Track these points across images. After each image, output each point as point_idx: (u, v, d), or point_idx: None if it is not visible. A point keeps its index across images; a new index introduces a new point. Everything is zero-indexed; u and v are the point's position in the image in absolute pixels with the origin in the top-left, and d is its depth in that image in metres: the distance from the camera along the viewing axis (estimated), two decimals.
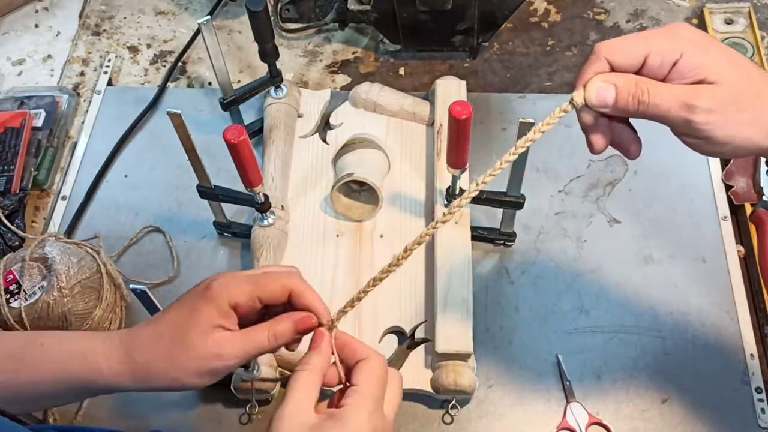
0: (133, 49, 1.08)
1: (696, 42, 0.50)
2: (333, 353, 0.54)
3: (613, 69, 0.51)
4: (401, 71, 1.02)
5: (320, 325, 0.54)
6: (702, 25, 1.01)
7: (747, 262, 0.84)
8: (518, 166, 0.72)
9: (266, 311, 0.56)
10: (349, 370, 0.53)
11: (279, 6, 1.06)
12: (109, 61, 1.06)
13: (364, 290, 0.56)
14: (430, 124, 0.93)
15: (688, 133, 0.50)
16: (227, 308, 0.54)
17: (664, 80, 0.51)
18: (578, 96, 0.52)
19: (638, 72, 0.51)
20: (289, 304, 0.55)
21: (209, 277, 0.55)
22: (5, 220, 0.88)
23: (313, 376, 0.51)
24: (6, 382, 0.57)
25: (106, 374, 0.55)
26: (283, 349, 0.56)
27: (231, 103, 0.90)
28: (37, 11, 1.13)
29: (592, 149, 0.55)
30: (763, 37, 1.00)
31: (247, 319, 0.55)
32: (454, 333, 0.73)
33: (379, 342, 0.78)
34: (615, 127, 0.55)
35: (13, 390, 0.57)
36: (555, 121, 0.52)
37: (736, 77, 0.49)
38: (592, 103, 0.51)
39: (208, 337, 0.53)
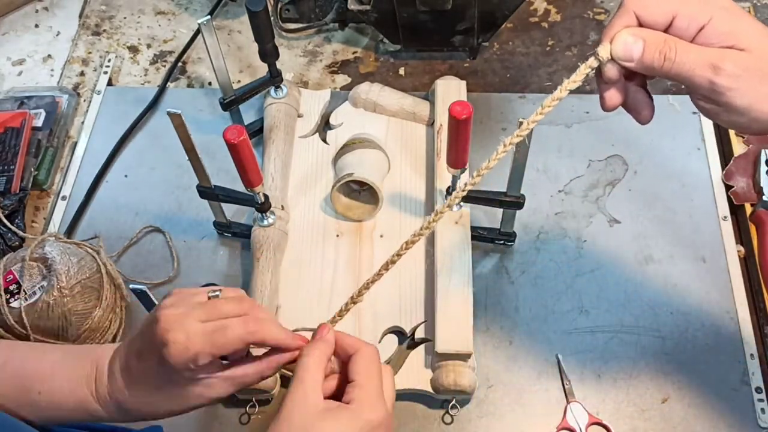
0: (133, 49, 1.08)
1: (727, 9, 0.49)
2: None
3: (640, 25, 0.51)
4: (401, 71, 1.02)
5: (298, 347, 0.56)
6: None
7: (747, 262, 0.84)
8: (518, 166, 0.72)
9: None
10: (340, 362, 0.55)
11: (279, 6, 1.05)
12: (109, 61, 1.06)
13: (371, 281, 0.57)
14: (430, 124, 0.93)
15: (708, 97, 0.50)
16: (190, 367, 0.54)
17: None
18: (604, 50, 0.50)
19: (664, 32, 0.50)
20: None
21: (157, 315, 0.53)
22: (5, 220, 0.88)
23: (318, 361, 0.53)
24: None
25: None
26: None
27: (231, 103, 0.90)
28: (37, 11, 1.13)
29: (605, 105, 0.54)
30: None
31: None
32: (454, 333, 0.73)
33: (379, 342, 0.78)
34: (630, 89, 0.54)
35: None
36: (581, 78, 0.52)
37: (766, 48, 0.48)
38: (618, 56, 0.50)
39: (187, 388, 0.55)
